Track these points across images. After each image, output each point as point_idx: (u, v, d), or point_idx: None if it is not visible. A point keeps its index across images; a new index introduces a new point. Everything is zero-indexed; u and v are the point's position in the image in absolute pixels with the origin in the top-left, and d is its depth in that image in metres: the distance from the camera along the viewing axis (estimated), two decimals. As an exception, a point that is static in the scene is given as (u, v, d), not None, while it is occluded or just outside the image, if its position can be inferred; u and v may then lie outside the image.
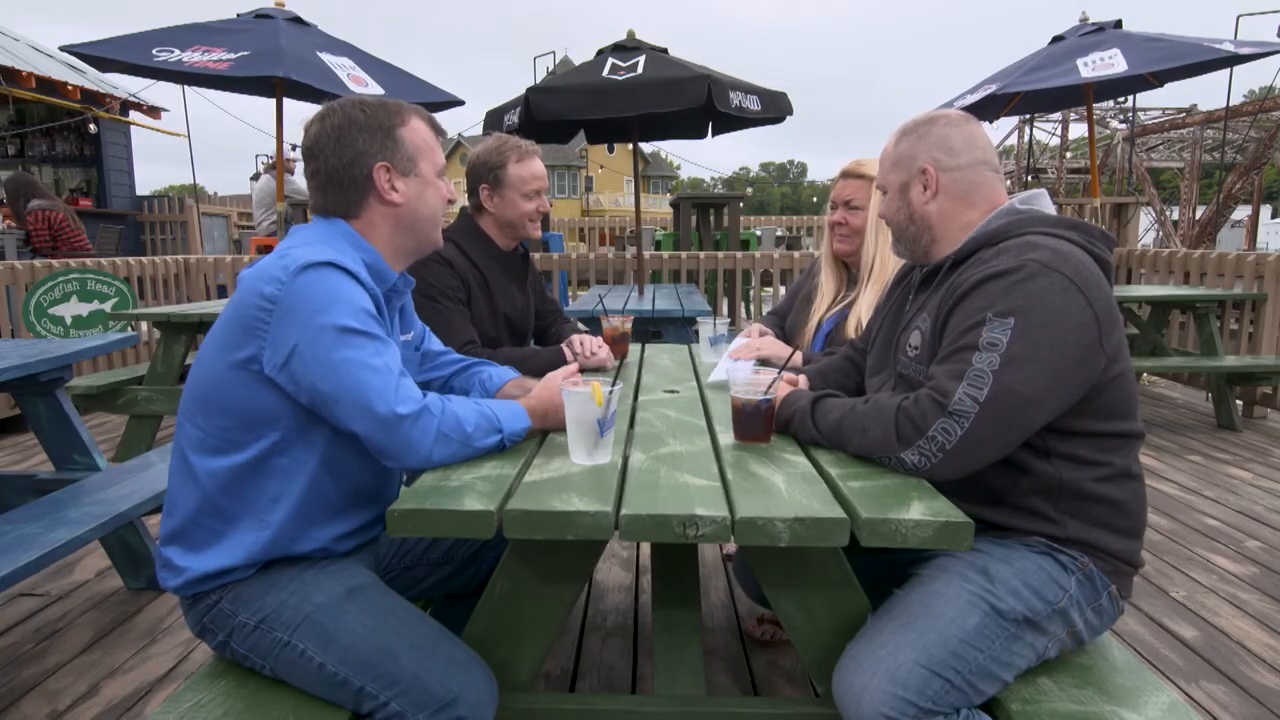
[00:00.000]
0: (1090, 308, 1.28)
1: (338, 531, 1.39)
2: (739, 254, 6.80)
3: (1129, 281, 6.19)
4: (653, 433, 1.56)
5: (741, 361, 2.05)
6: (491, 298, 2.35)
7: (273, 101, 5.68)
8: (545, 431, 1.52)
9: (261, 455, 1.30)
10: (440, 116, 1.54)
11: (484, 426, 1.36)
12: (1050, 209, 1.46)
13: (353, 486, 1.40)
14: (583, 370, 2.04)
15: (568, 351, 2.18)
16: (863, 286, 2.20)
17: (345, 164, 1.38)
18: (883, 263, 2.15)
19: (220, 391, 1.28)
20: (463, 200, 2.49)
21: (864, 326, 1.91)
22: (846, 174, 2.22)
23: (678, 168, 62.63)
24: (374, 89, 5.44)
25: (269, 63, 5.00)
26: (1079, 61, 5.38)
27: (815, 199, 79.46)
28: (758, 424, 1.47)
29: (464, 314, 2.25)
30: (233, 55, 5.02)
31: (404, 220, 1.43)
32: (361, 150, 1.38)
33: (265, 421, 1.29)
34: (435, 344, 1.74)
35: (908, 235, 1.54)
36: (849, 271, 2.32)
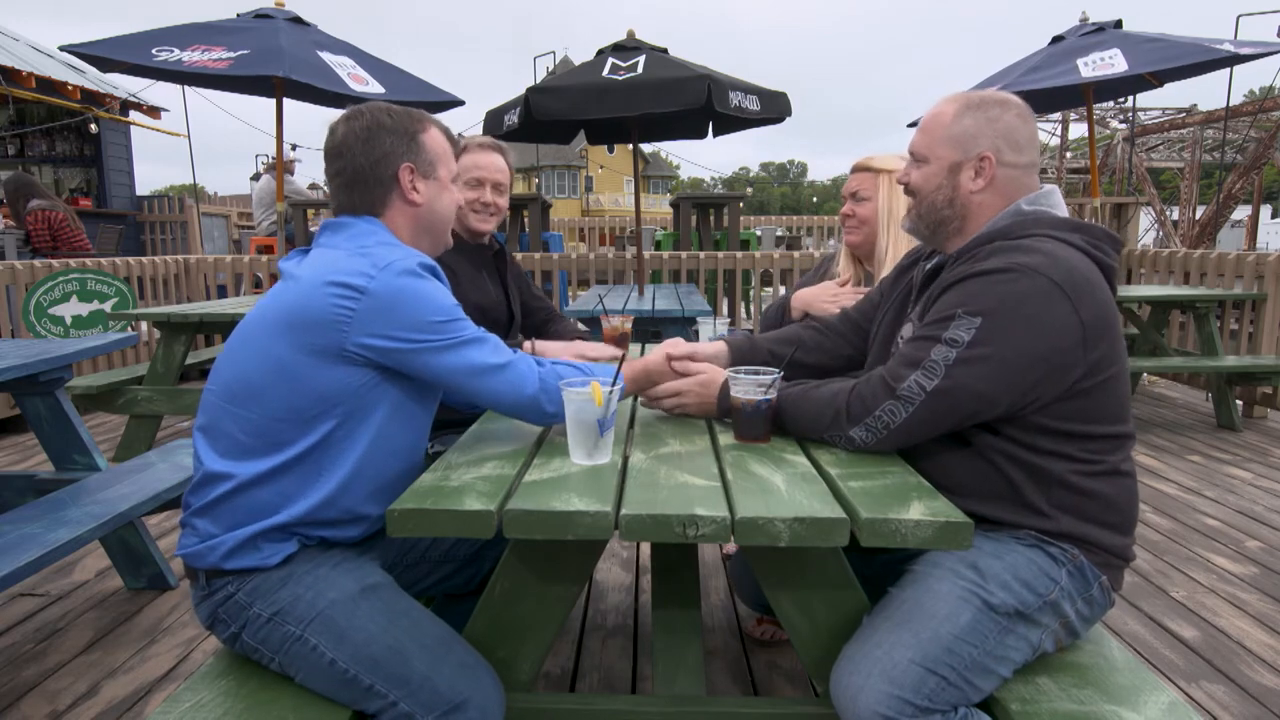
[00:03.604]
0: (1075, 314, 1.27)
1: (374, 512, 1.41)
2: (739, 254, 6.79)
3: (1129, 281, 6.19)
4: (653, 433, 1.56)
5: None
6: (459, 285, 2.35)
7: (272, 101, 5.67)
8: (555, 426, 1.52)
9: (323, 435, 1.33)
10: (440, 117, 1.58)
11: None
12: (1060, 208, 1.44)
13: (398, 466, 1.42)
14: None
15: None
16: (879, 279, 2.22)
17: (372, 163, 1.44)
18: (895, 256, 2.16)
19: (287, 374, 1.31)
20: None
21: None
22: (855, 168, 2.29)
23: (678, 168, 62.64)
24: (374, 88, 5.43)
25: (269, 62, 4.99)
26: (1079, 61, 5.38)
27: (815, 199, 79.37)
28: (758, 424, 1.47)
29: None
30: (233, 54, 5.02)
31: (423, 220, 1.50)
32: (389, 150, 1.45)
33: (333, 400, 1.32)
34: None
35: (938, 217, 1.47)
36: (864, 266, 2.36)
